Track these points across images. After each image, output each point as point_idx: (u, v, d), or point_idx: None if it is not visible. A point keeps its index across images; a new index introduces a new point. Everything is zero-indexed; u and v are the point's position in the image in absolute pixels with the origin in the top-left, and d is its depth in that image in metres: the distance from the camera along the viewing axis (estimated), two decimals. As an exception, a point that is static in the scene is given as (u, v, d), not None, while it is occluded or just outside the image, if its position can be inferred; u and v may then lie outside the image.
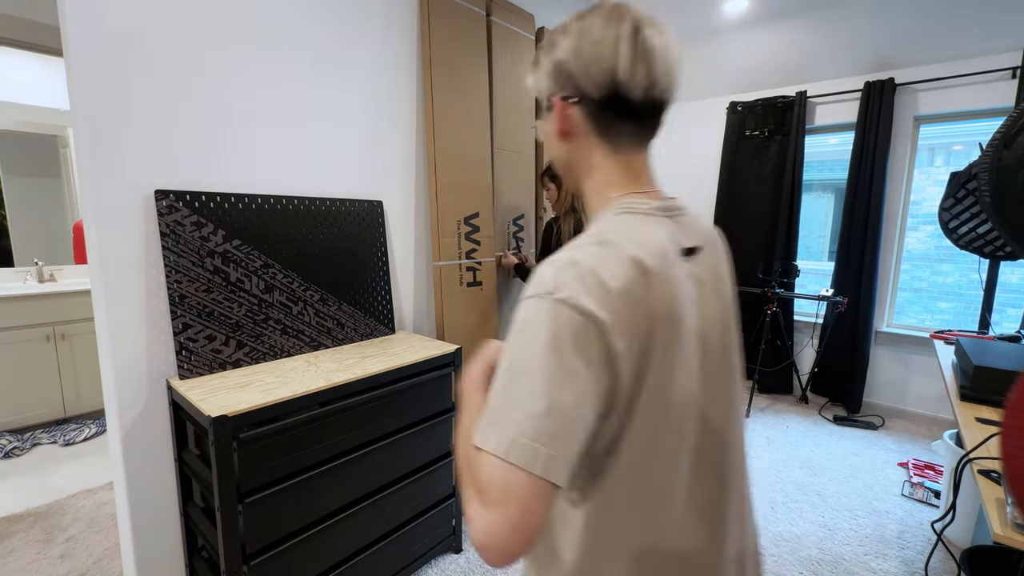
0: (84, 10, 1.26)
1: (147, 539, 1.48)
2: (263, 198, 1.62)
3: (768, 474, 2.63)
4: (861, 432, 3.19)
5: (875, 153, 3.26)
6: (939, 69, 3.11)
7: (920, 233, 3.46)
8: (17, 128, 3.21)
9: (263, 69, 1.62)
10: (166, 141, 1.43)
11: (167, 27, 1.40)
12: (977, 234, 1.89)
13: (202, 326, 1.47)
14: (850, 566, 1.94)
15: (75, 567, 1.84)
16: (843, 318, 3.45)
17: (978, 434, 1.23)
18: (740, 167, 3.94)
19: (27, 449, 2.68)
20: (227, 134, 1.56)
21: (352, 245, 1.89)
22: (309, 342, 1.74)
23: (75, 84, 1.27)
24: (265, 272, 1.62)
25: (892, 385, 3.48)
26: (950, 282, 3.37)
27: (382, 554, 1.67)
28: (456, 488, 1.95)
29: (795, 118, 3.59)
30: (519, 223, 2.64)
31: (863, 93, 3.31)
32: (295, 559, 1.40)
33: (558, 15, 2.88)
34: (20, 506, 2.20)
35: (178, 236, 1.43)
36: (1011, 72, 2.88)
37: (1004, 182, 1.29)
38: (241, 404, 1.25)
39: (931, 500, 2.38)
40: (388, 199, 2.05)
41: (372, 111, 1.97)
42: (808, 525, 2.20)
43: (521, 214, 2.64)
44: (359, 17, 1.88)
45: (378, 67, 1.97)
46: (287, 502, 1.37)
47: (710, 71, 3.94)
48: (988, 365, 1.47)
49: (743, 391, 1.08)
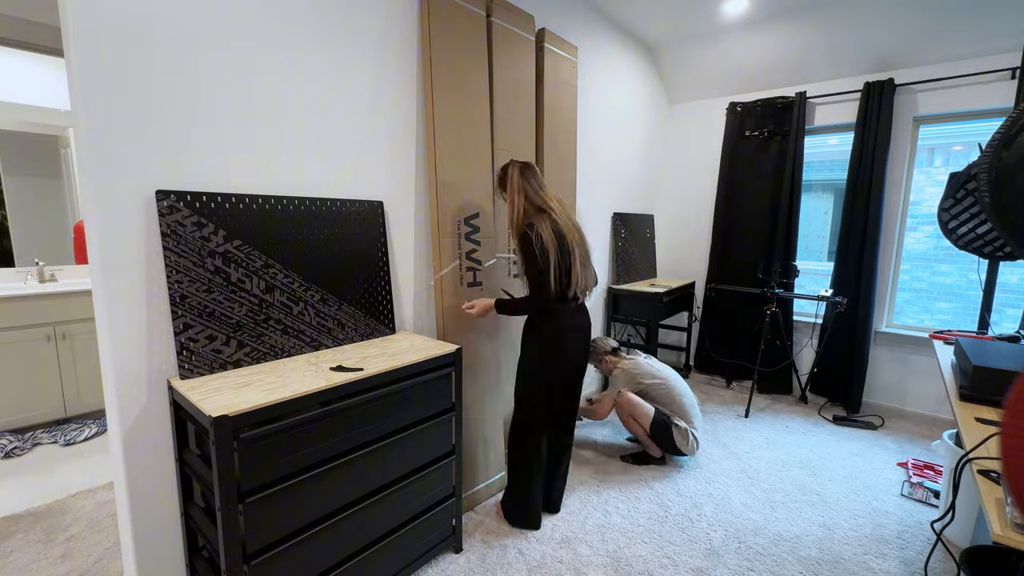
0: (84, 10, 1.26)
1: (147, 539, 1.48)
2: (264, 198, 1.62)
3: (768, 474, 2.63)
4: (860, 432, 3.19)
5: (875, 153, 3.27)
6: (939, 69, 3.11)
7: (919, 233, 3.46)
8: (17, 128, 3.21)
9: (263, 69, 1.62)
10: (167, 141, 1.43)
11: (168, 27, 1.41)
12: (976, 234, 1.89)
13: (203, 326, 1.48)
14: (850, 566, 1.94)
15: (75, 567, 1.84)
16: (842, 318, 3.45)
17: (977, 434, 1.24)
18: (740, 167, 3.94)
19: (28, 449, 2.68)
20: (228, 134, 1.56)
21: (353, 245, 1.89)
22: (310, 342, 1.75)
23: (75, 84, 1.27)
24: (266, 272, 1.62)
25: (891, 385, 3.48)
26: (949, 282, 3.38)
27: (382, 554, 1.67)
28: (456, 488, 1.95)
29: (795, 118, 3.59)
30: None
31: (863, 93, 3.32)
32: (296, 559, 1.41)
33: (558, 16, 2.88)
34: (20, 506, 2.20)
35: (179, 236, 1.43)
36: (1011, 72, 2.89)
37: (1004, 182, 1.29)
38: (242, 404, 1.25)
39: (931, 500, 2.38)
40: (388, 199, 2.05)
41: (373, 111, 1.97)
42: (808, 525, 2.20)
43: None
44: (359, 17, 1.88)
45: (378, 68, 1.97)
46: (288, 502, 1.37)
47: (710, 71, 3.95)
48: (987, 365, 1.47)
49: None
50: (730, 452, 2.87)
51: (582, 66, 3.11)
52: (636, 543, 2.05)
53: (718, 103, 4.06)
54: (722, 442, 3.00)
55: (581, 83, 3.11)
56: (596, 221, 3.51)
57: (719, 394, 3.83)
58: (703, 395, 3.78)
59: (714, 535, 2.12)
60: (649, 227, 4.19)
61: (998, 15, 2.80)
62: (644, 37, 3.73)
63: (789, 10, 3.24)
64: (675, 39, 3.75)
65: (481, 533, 2.11)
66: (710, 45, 3.73)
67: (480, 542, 2.05)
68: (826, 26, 3.28)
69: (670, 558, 1.97)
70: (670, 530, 2.14)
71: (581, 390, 2.21)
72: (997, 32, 2.86)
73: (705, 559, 1.97)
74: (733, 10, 3.25)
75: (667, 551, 2.01)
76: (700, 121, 4.21)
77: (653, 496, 2.40)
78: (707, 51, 3.79)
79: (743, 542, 2.08)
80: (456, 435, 1.91)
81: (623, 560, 1.95)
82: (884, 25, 3.12)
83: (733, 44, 3.65)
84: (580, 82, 3.10)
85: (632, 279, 3.86)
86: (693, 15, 3.33)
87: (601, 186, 3.53)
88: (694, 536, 2.11)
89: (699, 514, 2.26)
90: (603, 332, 3.73)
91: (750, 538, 2.10)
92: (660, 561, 1.95)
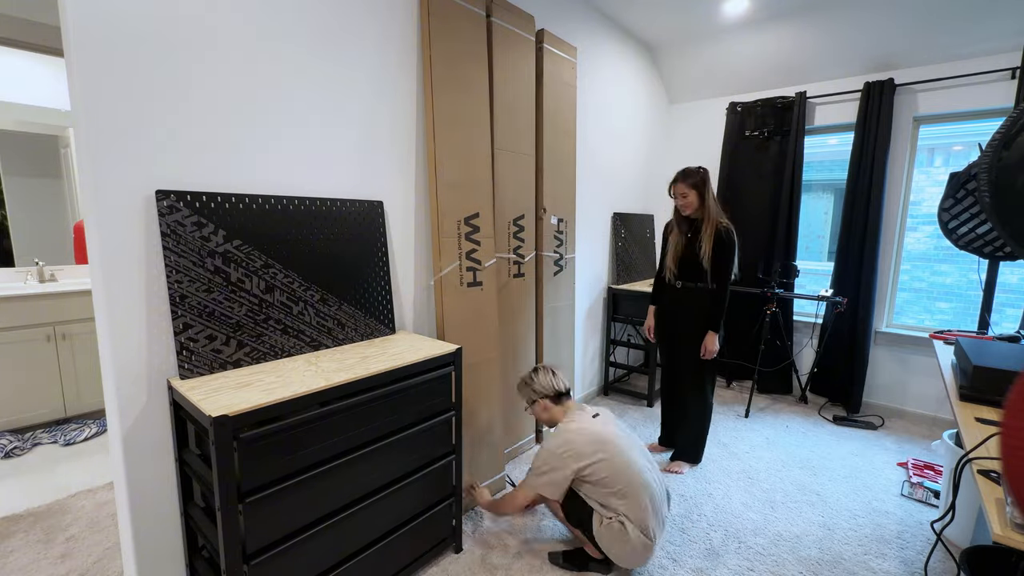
0: (84, 10, 1.26)
1: (147, 539, 1.48)
2: (264, 198, 1.62)
3: (768, 474, 2.63)
4: (860, 432, 3.19)
5: (875, 153, 3.27)
6: (939, 69, 3.11)
7: (919, 233, 3.46)
8: (17, 128, 3.21)
9: (263, 69, 1.62)
10: (167, 141, 1.43)
11: (168, 27, 1.41)
12: (976, 234, 1.89)
13: (203, 326, 1.48)
14: (850, 566, 1.94)
15: (75, 567, 1.84)
16: (842, 318, 3.45)
17: (978, 434, 1.24)
18: (740, 167, 3.94)
19: (27, 449, 2.68)
20: (228, 134, 1.56)
21: (352, 245, 1.89)
22: (309, 342, 1.75)
23: (75, 84, 1.27)
24: (266, 272, 1.62)
25: (891, 385, 3.48)
26: (949, 282, 3.38)
27: (383, 553, 1.67)
28: (456, 488, 1.95)
29: (795, 118, 3.59)
30: (519, 223, 2.64)
31: (863, 93, 3.31)
32: (296, 559, 1.41)
33: (558, 15, 2.88)
34: (20, 506, 2.20)
35: (179, 236, 1.43)
36: (1011, 72, 2.88)
37: (1004, 182, 1.29)
38: (242, 404, 1.25)
39: (931, 500, 2.38)
40: (388, 199, 2.05)
41: (373, 111, 1.97)
42: (808, 525, 2.20)
43: (521, 214, 2.64)
44: (359, 18, 1.88)
45: (378, 68, 1.97)
46: (288, 502, 1.37)
47: (710, 71, 3.95)
48: (987, 365, 1.47)
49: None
50: (730, 452, 2.87)
51: (582, 66, 3.11)
52: (636, 543, 2.05)
53: (718, 103, 4.06)
54: (722, 442, 3.00)
55: (581, 83, 3.11)
56: (596, 221, 3.51)
57: (719, 394, 3.83)
58: (703, 395, 3.78)
59: (714, 535, 2.12)
60: (649, 227, 4.19)
61: (998, 15, 2.80)
62: (644, 37, 3.73)
63: (789, 10, 3.23)
64: (675, 39, 3.75)
65: (481, 533, 2.11)
66: (710, 45, 3.73)
67: (480, 542, 2.05)
68: (826, 26, 3.28)
69: (670, 558, 1.97)
70: (670, 530, 2.14)
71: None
72: (997, 32, 2.86)
73: (705, 559, 1.97)
74: (733, 10, 3.25)
75: (667, 551, 2.01)
76: (700, 121, 4.21)
77: (653, 496, 2.40)
78: (707, 51, 3.79)
79: (743, 542, 2.08)
80: (456, 435, 1.91)
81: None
82: (884, 25, 3.12)
83: (733, 44, 3.65)
84: (580, 82, 3.10)
85: (632, 279, 3.86)
86: (693, 15, 3.33)
87: (601, 186, 3.53)
88: (694, 536, 2.11)
89: (699, 514, 2.26)
90: (603, 332, 3.72)
91: (750, 538, 2.10)
92: (660, 561, 1.95)
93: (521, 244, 2.67)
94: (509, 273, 2.60)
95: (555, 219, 2.88)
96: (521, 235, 2.66)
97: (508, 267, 2.60)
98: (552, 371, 2.02)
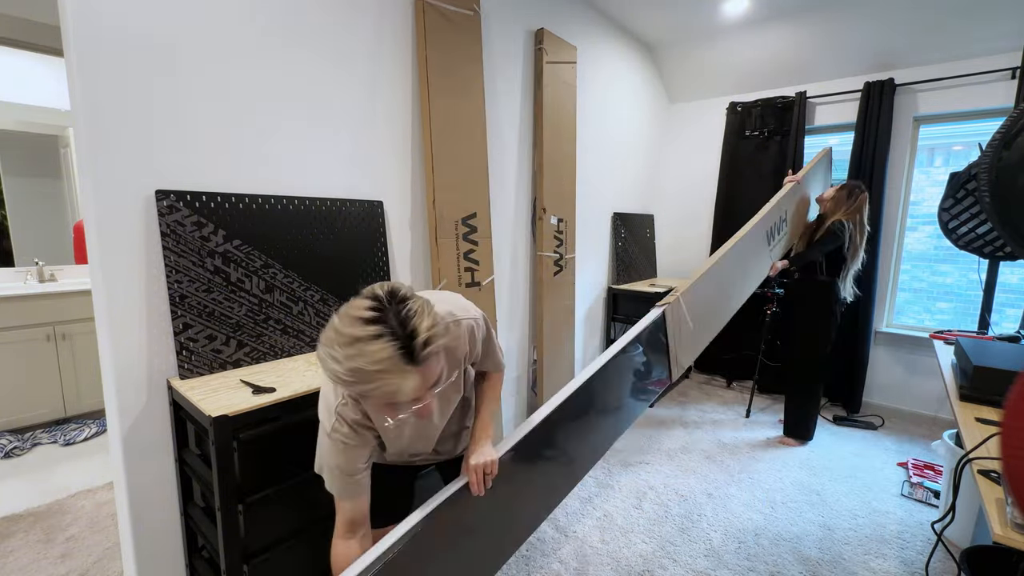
0: (84, 10, 1.26)
1: (147, 539, 1.48)
2: (264, 198, 1.62)
3: (768, 474, 2.63)
4: (861, 432, 3.19)
5: (875, 153, 3.27)
6: (939, 69, 3.11)
7: (919, 233, 3.46)
8: (17, 128, 3.21)
9: (263, 70, 1.62)
10: (167, 141, 1.43)
11: (167, 28, 1.41)
12: (977, 234, 1.89)
13: (202, 326, 1.48)
14: (850, 566, 1.94)
15: (75, 567, 1.84)
16: (843, 318, 3.44)
17: (978, 434, 1.24)
18: (740, 167, 3.94)
19: (27, 449, 2.68)
20: (228, 134, 1.56)
21: (352, 245, 1.89)
22: (309, 342, 1.74)
23: (75, 84, 1.27)
24: (265, 272, 1.62)
25: (892, 385, 3.48)
26: (949, 282, 3.37)
27: (382, 554, 1.66)
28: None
29: (795, 118, 3.59)
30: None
31: (863, 93, 3.31)
32: (295, 559, 1.40)
33: (557, 16, 2.88)
34: (20, 506, 2.20)
35: (179, 236, 1.43)
36: (1011, 72, 2.88)
37: (1004, 182, 1.29)
38: (242, 404, 1.25)
39: (931, 500, 2.38)
40: (388, 199, 2.05)
41: (371, 111, 1.97)
42: (808, 525, 2.20)
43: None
44: (356, 20, 1.88)
45: (376, 69, 1.97)
46: (287, 502, 1.37)
47: (710, 71, 3.95)
48: (987, 365, 1.47)
49: None
50: (731, 452, 2.87)
51: (581, 66, 3.10)
52: (636, 543, 2.05)
53: (718, 103, 4.06)
54: (723, 442, 3.00)
55: (580, 83, 3.11)
56: (596, 221, 3.51)
57: (720, 394, 3.83)
58: (704, 395, 3.78)
59: (714, 535, 2.12)
60: (649, 227, 4.19)
61: (998, 15, 2.80)
62: (644, 37, 3.73)
63: (789, 10, 3.23)
64: (675, 39, 3.74)
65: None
66: (710, 45, 3.73)
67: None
68: (826, 26, 3.28)
69: (671, 558, 1.97)
70: (670, 530, 2.14)
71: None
72: (997, 32, 2.86)
73: (705, 559, 1.97)
74: (733, 10, 3.24)
75: (667, 551, 2.01)
76: (700, 121, 4.21)
77: (654, 496, 2.40)
78: (707, 51, 3.79)
79: (743, 542, 2.08)
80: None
81: (623, 560, 1.95)
82: (884, 25, 3.12)
83: (733, 44, 3.65)
84: (579, 82, 3.10)
85: (632, 279, 3.86)
86: (693, 15, 3.33)
87: (601, 186, 3.52)
88: (694, 536, 2.11)
89: (699, 514, 2.26)
90: (603, 333, 3.72)
91: (750, 538, 2.10)
92: (660, 561, 1.95)
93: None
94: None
95: (555, 219, 2.88)
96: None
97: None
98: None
